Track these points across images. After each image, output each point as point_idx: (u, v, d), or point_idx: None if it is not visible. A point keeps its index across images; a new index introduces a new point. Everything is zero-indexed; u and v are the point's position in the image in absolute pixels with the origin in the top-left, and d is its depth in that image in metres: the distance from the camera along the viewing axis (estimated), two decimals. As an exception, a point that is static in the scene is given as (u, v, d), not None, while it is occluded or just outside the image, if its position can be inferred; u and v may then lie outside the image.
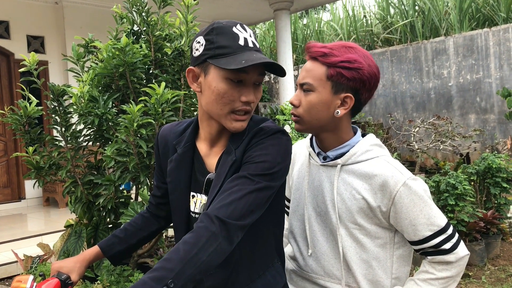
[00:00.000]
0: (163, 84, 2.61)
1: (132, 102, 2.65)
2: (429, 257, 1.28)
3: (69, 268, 1.27)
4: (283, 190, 1.27)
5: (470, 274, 3.98)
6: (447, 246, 1.24)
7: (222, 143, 1.24)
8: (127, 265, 3.13)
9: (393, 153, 6.77)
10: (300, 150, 1.47)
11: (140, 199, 3.18)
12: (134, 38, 3.17)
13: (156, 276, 0.95)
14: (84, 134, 3.10)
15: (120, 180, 2.82)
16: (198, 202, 1.24)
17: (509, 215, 5.07)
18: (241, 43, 1.13)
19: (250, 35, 1.16)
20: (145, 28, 3.11)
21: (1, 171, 7.06)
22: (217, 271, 1.18)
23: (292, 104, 1.30)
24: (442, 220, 1.25)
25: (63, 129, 3.05)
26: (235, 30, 1.14)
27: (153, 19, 3.13)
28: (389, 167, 1.25)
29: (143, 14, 3.12)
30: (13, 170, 7.15)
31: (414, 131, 7.11)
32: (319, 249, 1.34)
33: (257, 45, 1.18)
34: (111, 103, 2.91)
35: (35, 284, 1.19)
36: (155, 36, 3.07)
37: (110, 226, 3.20)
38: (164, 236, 3.97)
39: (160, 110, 2.65)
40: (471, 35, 8.47)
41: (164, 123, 2.72)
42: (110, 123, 2.87)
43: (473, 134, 7.25)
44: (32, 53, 3.00)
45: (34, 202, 7.26)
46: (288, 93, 8.13)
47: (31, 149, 2.97)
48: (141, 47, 2.94)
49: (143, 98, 2.67)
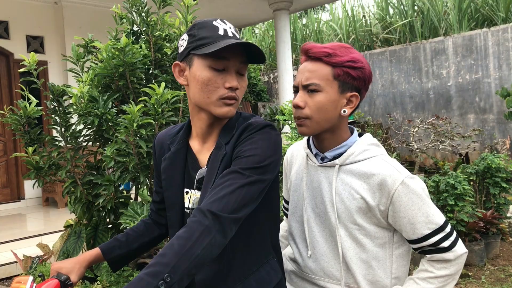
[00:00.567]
0: (163, 84, 2.61)
1: (132, 102, 2.65)
2: (428, 256, 1.28)
3: (69, 269, 1.27)
4: (277, 186, 1.28)
5: (470, 274, 3.98)
6: (446, 244, 1.25)
7: (213, 139, 1.26)
8: (127, 265, 3.13)
9: (393, 153, 6.77)
10: (298, 152, 1.47)
11: (140, 199, 3.18)
12: (134, 38, 3.17)
13: (152, 272, 0.95)
14: (84, 134, 3.10)
15: (120, 180, 2.82)
16: (192, 198, 1.26)
17: (509, 215, 5.07)
18: (221, 33, 1.18)
19: (230, 27, 1.21)
20: (145, 28, 3.11)
21: (1, 171, 7.05)
22: (208, 266, 1.18)
23: (297, 106, 1.28)
24: (440, 218, 1.26)
25: (63, 129, 3.05)
26: (215, 23, 1.19)
27: (153, 19, 3.13)
28: (387, 166, 1.26)
29: (143, 14, 3.12)
30: (13, 170, 7.15)
31: (413, 131, 7.11)
32: (319, 250, 1.34)
33: (237, 36, 1.21)
34: (111, 103, 2.91)
35: (35, 285, 1.19)
36: (155, 36, 3.07)
37: (110, 227, 3.20)
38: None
39: (160, 110, 2.65)
40: (470, 35, 8.47)
41: (164, 123, 2.73)
42: (110, 123, 2.86)
43: (472, 134, 7.25)
44: (32, 53, 2.99)
45: (34, 202, 7.25)
46: (288, 93, 8.12)
47: (31, 149, 2.97)
48: (141, 47, 2.94)
49: (143, 98, 2.67)
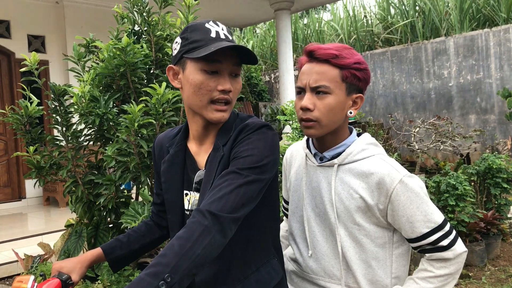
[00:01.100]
0: (164, 84, 2.61)
1: (133, 102, 2.65)
2: (427, 255, 1.28)
3: (70, 268, 1.27)
4: (276, 185, 1.28)
5: (470, 275, 3.98)
6: (445, 243, 1.24)
7: (211, 141, 1.26)
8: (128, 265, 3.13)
9: (393, 153, 6.76)
10: (297, 152, 1.48)
11: (141, 199, 3.18)
12: (135, 38, 3.18)
13: (152, 272, 0.96)
14: (85, 134, 3.10)
15: (121, 180, 2.82)
16: (192, 200, 1.26)
17: (510, 216, 5.06)
18: (213, 36, 1.18)
19: (223, 29, 1.21)
20: (146, 28, 3.11)
21: (2, 171, 7.06)
22: (208, 266, 1.18)
23: (306, 109, 1.27)
24: (439, 217, 1.26)
25: (64, 129, 3.05)
26: (208, 26, 1.20)
27: (154, 19, 3.14)
28: (385, 165, 1.26)
29: (144, 14, 3.12)
30: (14, 170, 7.16)
31: (415, 131, 7.10)
32: (319, 250, 1.34)
33: (230, 38, 1.21)
34: (112, 103, 2.91)
35: (36, 284, 1.19)
36: (156, 36, 3.07)
37: (111, 226, 3.20)
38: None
39: (161, 110, 2.66)
40: (472, 36, 8.46)
41: (165, 123, 2.73)
42: (111, 123, 2.87)
43: (474, 135, 7.25)
44: (33, 53, 2.99)
45: (35, 202, 7.26)
46: (289, 93, 8.12)
47: (32, 149, 2.97)
48: (142, 47, 2.95)
49: (144, 98, 2.67)
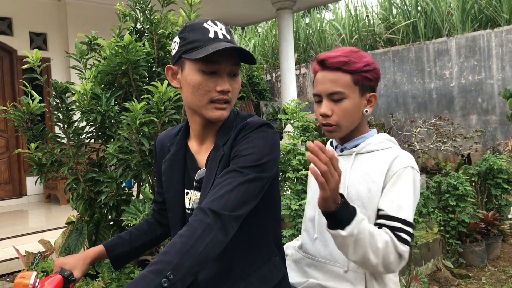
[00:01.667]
0: (166, 82, 2.61)
1: (135, 100, 2.65)
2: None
3: (72, 265, 1.28)
4: (277, 183, 1.29)
5: (471, 275, 3.98)
6: (403, 235, 1.26)
7: (211, 140, 1.27)
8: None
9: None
10: None
11: (142, 197, 3.18)
12: (137, 36, 3.17)
13: (155, 269, 0.96)
14: (87, 131, 3.10)
15: (122, 178, 2.82)
16: (193, 199, 1.27)
17: (510, 216, 5.06)
18: (211, 36, 1.18)
19: (221, 29, 1.21)
20: (148, 26, 3.11)
21: (3, 168, 7.07)
22: (210, 265, 1.19)
23: (325, 115, 1.37)
24: (411, 217, 1.29)
25: (66, 126, 3.05)
26: (206, 25, 1.19)
27: (156, 17, 3.14)
28: (400, 154, 1.35)
29: (146, 12, 3.12)
30: (15, 167, 7.16)
31: (416, 132, 7.10)
32: (328, 234, 1.35)
33: (228, 37, 1.21)
34: (114, 101, 2.91)
35: (38, 280, 1.20)
36: (158, 34, 3.07)
37: (112, 224, 3.20)
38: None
39: (163, 108, 2.66)
40: (474, 36, 8.46)
41: (167, 121, 2.73)
42: (113, 121, 2.87)
43: (475, 135, 7.24)
44: (35, 50, 3.00)
45: (35, 199, 7.27)
46: (290, 92, 8.11)
47: (33, 146, 2.97)
48: (144, 45, 2.95)
49: (146, 96, 2.67)
